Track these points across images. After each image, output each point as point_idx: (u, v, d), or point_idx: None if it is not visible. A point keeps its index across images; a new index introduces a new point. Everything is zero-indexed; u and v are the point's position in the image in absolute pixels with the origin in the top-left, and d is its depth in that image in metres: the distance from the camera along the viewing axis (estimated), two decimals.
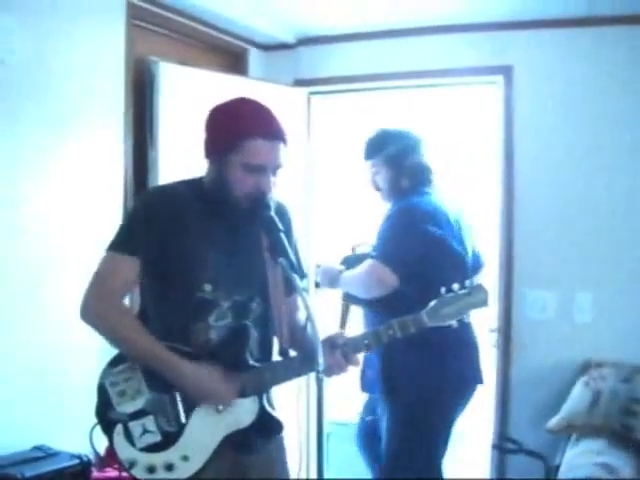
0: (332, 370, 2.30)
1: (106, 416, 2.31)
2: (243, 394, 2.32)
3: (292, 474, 2.58)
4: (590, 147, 4.18)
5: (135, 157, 3.88)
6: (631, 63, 4.09)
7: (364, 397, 3.80)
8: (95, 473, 3.26)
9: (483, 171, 4.54)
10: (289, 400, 2.54)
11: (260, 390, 2.34)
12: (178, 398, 2.30)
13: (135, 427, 2.28)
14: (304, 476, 4.07)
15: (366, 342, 2.40)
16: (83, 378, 2.52)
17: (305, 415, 4.43)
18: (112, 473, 3.33)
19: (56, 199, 3.44)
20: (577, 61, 4.21)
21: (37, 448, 3.16)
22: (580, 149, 4.20)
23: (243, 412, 2.33)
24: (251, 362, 2.33)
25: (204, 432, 2.30)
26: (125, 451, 2.28)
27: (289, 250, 2.21)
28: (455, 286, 2.42)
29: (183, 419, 2.30)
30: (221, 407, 2.31)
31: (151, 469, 2.28)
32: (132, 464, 2.28)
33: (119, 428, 2.29)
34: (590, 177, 4.18)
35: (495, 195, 4.43)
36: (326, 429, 2.28)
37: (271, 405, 2.41)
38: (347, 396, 4.61)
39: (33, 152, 3.34)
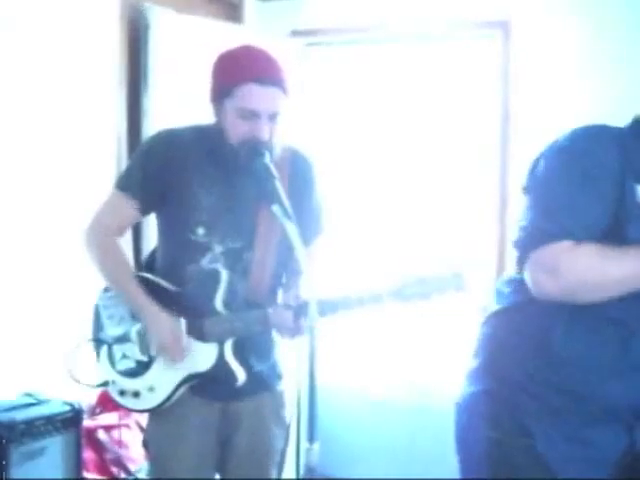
0: (282, 332, 2.33)
1: (97, 336, 2.46)
2: (202, 338, 2.34)
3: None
4: (591, 105, 4.13)
5: (129, 103, 3.84)
6: (635, 18, 4.01)
7: None
8: (86, 421, 3.28)
9: (480, 128, 4.50)
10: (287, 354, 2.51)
11: (220, 338, 2.34)
12: None
13: (117, 351, 2.43)
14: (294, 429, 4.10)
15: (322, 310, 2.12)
16: (75, 324, 2.54)
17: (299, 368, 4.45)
18: (103, 421, 3.36)
19: (50, 146, 3.42)
20: (578, 16, 4.15)
21: (28, 395, 3.17)
22: (580, 108, 4.15)
23: (202, 357, 2.36)
24: (219, 308, 2.34)
25: (168, 368, 2.38)
26: (106, 370, 2.45)
27: (283, 197, 2.17)
28: None
29: (153, 352, 2.38)
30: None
31: (122, 393, 2.44)
32: (108, 383, 2.45)
33: (105, 349, 2.44)
34: None
35: (492, 153, 4.39)
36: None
37: (265, 355, 2.44)
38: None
39: (23, 101, 3.30)
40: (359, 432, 4.70)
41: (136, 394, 2.40)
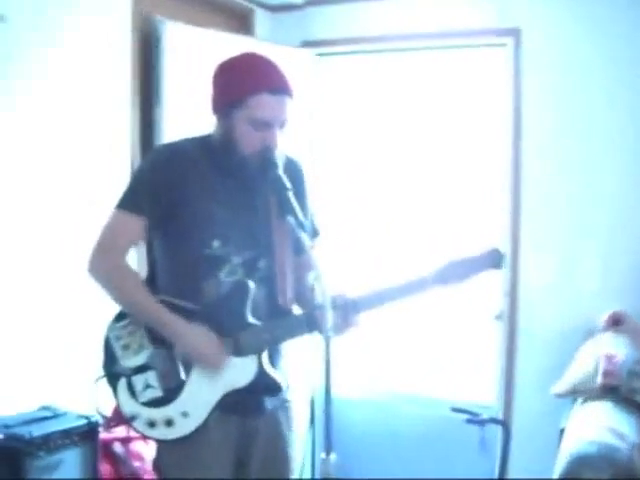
0: (331, 331, 2.25)
1: (111, 370, 2.33)
2: (240, 353, 2.29)
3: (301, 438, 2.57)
4: (601, 111, 4.13)
5: (141, 116, 3.86)
6: None
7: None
8: (102, 434, 3.28)
9: (491, 134, 4.50)
10: (299, 363, 2.49)
11: (259, 349, 2.31)
12: (178, 354, 2.30)
13: (138, 381, 2.30)
14: (310, 439, 4.10)
15: (368, 303, 2.32)
16: (91, 339, 2.51)
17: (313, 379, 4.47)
18: (119, 434, 3.36)
19: (63, 159, 3.43)
20: (587, 23, 4.14)
21: (45, 408, 3.18)
22: (591, 113, 4.15)
23: (241, 371, 2.30)
24: (250, 320, 2.30)
25: (203, 389, 2.29)
26: (128, 404, 2.31)
27: (297, 209, 2.19)
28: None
29: (183, 375, 2.30)
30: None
31: (151, 424, 2.30)
32: (133, 417, 2.30)
33: (123, 382, 2.31)
34: (600, 142, 4.14)
35: (503, 161, 4.39)
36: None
37: (277, 366, 2.38)
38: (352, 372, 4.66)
39: (38, 112, 3.32)
40: (375, 443, 4.68)
41: (169, 422, 2.28)
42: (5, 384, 3.13)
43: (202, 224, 2.30)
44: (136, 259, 3.12)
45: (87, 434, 3.11)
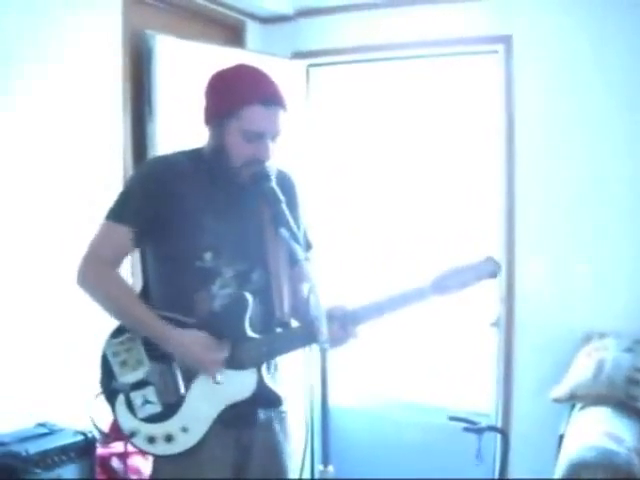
0: (330, 343, 2.20)
1: (109, 386, 2.31)
2: (241, 366, 2.28)
3: (298, 449, 2.56)
4: (593, 117, 4.13)
5: (134, 130, 3.86)
6: (637, 30, 4.01)
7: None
8: (100, 449, 3.27)
9: (484, 142, 4.51)
10: (294, 375, 2.49)
11: (258, 362, 2.30)
12: (177, 369, 2.29)
13: (136, 397, 2.29)
14: (309, 451, 4.09)
15: (367, 314, 2.32)
16: (87, 355, 2.51)
17: (310, 390, 4.48)
18: (116, 449, 3.35)
19: (55, 172, 3.43)
20: (579, 29, 4.15)
21: (41, 425, 3.16)
22: (583, 120, 4.15)
23: (242, 384, 2.29)
24: (249, 333, 2.30)
25: (203, 403, 2.29)
26: (127, 421, 2.29)
27: (290, 221, 2.20)
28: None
29: (182, 390, 2.29)
30: (219, 378, 2.27)
31: (151, 439, 2.28)
32: (133, 434, 2.29)
33: (121, 398, 2.29)
34: (593, 148, 4.14)
35: (496, 167, 4.40)
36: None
37: (273, 378, 2.38)
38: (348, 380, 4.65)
39: (31, 127, 3.32)
40: (372, 452, 4.67)
41: (169, 438, 2.27)
42: (1, 401, 3.12)
43: (193, 236, 2.29)
44: (130, 272, 3.13)
45: (84, 450, 3.10)
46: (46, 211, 3.39)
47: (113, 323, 2.33)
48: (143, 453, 2.48)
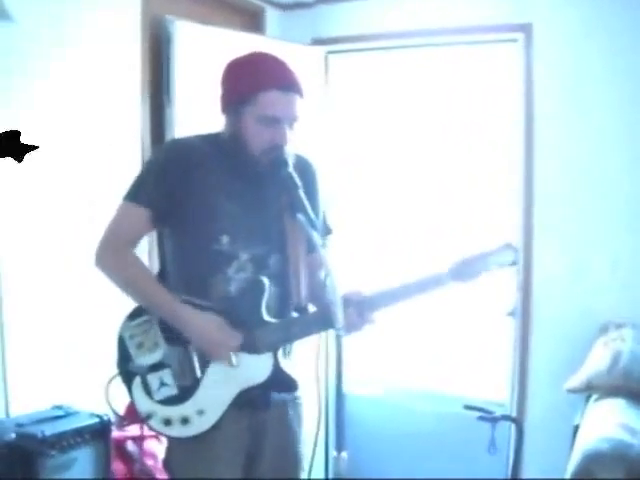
0: (347, 328, 2.24)
1: (125, 368, 2.33)
2: (257, 350, 2.29)
3: (310, 434, 2.56)
4: (614, 106, 4.10)
5: (152, 115, 3.87)
6: None
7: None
8: (115, 432, 3.29)
9: (503, 130, 4.49)
10: (309, 360, 2.49)
11: (274, 347, 2.31)
12: (193, 352, 2.30)
13: (153, 379, 2.31)
14: (322, 436, 4.10)
15: (383, 301, 2.32)
16: (103, 338, 2.52)
17: (324, 376, 4.47)
18: (131, 432, 3.36)
19: (73, 157, 3.44)
20: (600, 18, 4.11)
21: (57, 407, 3.18)
22: (603, 109, 4.12)
23: (257, 368, 2.31)
24: (266, 318, 2.30)
25: (219, 387, 2.30)
26: (143, 403, 2.32)
27: (307, 207, 2.20)
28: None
29: (198, 373, 2.30)
30: (234, 361, 2.28)
31: (167, 422, 2.30)
32: (149, 416, 2.31)
33: (138, 380, 2.31)
34: (612, 137, 4.11)
35: (515, 157, 4.37)
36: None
37: (289, 363, 2.38)
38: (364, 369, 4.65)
39: (49, 112, 3.33)
40: (387, 440, 4.68)
41: (185, 420, 2.29)
42: (17, 383, 3.15)
43: (210, 218, 2.30)
44: (147, 253, 3.15)
45: (99, 433, 3.12)
46: (65, 195, 3.41)
47: (130, 305, 2.35)
48: (159, 435, 2.49)
